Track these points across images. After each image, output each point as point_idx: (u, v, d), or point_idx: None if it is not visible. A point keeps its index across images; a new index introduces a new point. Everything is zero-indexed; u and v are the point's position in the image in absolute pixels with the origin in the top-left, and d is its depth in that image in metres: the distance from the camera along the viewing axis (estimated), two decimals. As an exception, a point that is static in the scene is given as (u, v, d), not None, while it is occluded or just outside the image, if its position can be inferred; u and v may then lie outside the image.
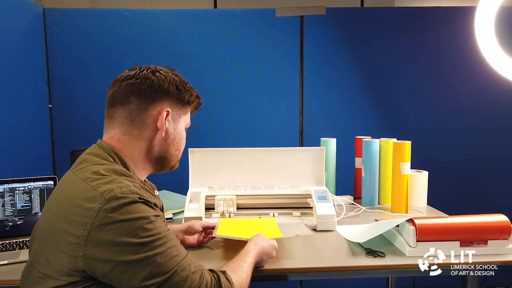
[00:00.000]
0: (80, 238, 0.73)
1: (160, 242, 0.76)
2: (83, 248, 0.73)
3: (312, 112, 2.36)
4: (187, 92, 0.96)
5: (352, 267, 1.11)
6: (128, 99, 0.89)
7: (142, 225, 0.74)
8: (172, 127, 0.94)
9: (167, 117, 0.92)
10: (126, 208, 0.74)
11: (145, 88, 0.89)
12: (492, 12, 1.75)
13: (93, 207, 0.73)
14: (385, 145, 1.69)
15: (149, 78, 0.90)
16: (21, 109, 2.03)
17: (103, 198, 0.74)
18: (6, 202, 1.35)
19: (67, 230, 0.74)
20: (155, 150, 0.93)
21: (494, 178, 2.41)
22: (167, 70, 0.95)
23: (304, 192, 1.52)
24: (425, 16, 2.35)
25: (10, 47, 1.97)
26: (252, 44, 2.34)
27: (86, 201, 0.75)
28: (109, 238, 0.72)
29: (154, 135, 0.92)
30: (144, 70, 0.92)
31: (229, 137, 2.36)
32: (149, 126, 0.91)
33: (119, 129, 0.90)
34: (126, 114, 0.90)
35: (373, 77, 2.38)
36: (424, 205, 1.68)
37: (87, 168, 0.83)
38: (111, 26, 2.28)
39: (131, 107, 0.89)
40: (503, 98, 2.35)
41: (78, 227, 0.73)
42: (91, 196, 0.75)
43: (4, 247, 1.26)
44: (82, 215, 0.74)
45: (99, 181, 0.77)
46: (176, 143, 0.96)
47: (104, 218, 0.73)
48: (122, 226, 0.73)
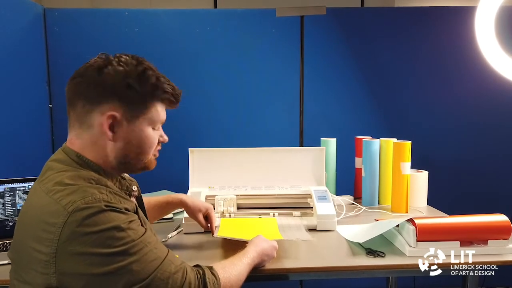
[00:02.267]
0: (49, 255, 0.69)
1: (135, 250, 0.72)
2: (53, 265, 0.69)
3: (312, 112, 2.36)
4: (147, 87, 0.83)
5: (352, 267, 1.11)
6: (74, 101, 0.82)
7: (112, 235, 0.70)
8: (126, 131, 0.83)
9: (114, 121, 0.81)
10: (92, 219, 0.69)
11: (90, 88, 0.80)
12: (492, 12, 1.75)
13: (57, 222, 0.69)
14: (385, 145, 1.69)
15: (94, 76, 0.80)
16: (21, 109, 2.03)
17: (66, 212, 0.70)
18: (6, 202, 1.35)
19: (36, 248, 0.71)
20: (112, 156, 0.83)
21: (494, 178, 2.41)
22: (130, 61, 0.83)
23: (304, 192, 1.52)
24: (425, 16, 2.35)
25: (10, 47, 1.97)
26: (252, 44, 2.34)
27: (50, 217, 0.71)
28: (78, 251, 0.69)
29: (105, 139, 0.82)
30: (96, 64, 0.82)
31: (229, 137, 2.36)
32: (97, 130, 0.81)
33: (73, 132, 0.84)
34: (76, 117, 0.82)
35: (373, 77, 2.38)
36: (424, 205, 1.68)
37: (51, 177, 0.78)
38: (111, 26, 2.28)
39: (78, 109, 0.81)
40: (503, 98, 2.35)
41: (46, 244, 0.70)
42: (54, 211, 0.71)
43: (4, 247, 1.25)
44: (48, 231, 0.70)
45: (62, 193, 0.73)
46: (135, 146, 0.84)
47: (71, 233, 0.69)
48: (91, 239, 0.69)
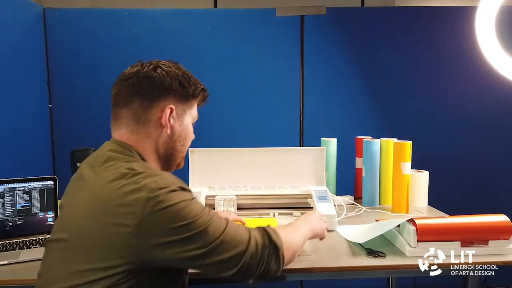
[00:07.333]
0: (132, 227, 0.75)
1: (206, 217, 0.81)
2: (136, 236, 0.75)
3: (312, 112, 2.36)
4: (190, 86, 0.95)
5: (353, 267, 1.11)
6: (131, 99, 0.90)
7: (186, 206, 0.79)
8: (178, 124, 0.95)
9: (171, 114, 0.92)
10: (171, 196, 0.78)
11: (147, 87, 0.89)
12: (493, 12, 1.75)
13: (141, 196, 0.76)
14: (386, 145, 1.69)
15: (150, 76, 0.90)
16: (21, 109, 2.03)
17: (149, 189, 0.77)
18: (6, 202, 1.35)
19: (117, 222, 0.76)
20: (163, 148, 0.94)
21: (495, 178, 2.41)
22: (170, 64, 0.95)
23: (305, 192, 1.52)
24: (426, 16, 2.35)
25: (10, 47, 1.97)
26: (252, 44, 2.33)
27: (132, 194, 0.77)
28: (160, 223, 0.76)
29: (160, 133, 0.92)
30: (146, 67, 0.91)
31: (229, 137, 2.36)
32: (153, 124, 0.91)
33: (126, 128, 0.91)
34: (131, 114, 0.90)
35: (373, 77, 2.38)
36: (424, 205, 1.68)
37: (118, 165, 0.84)
38: (111, 26, 2.28)
39: (135, 106, 0.90)
40: (503, 98, 2.35)
41: (129, 217, 0.76)
42: (136, 188, 0.78)
43: (4, 247, 1.26)
44: (131, 205, 0.76)
45: (139, 176, 0.80)
46: (182, 138, 0.97)
47: (154, 207, 0.76)
48: (171, 211, 0.77)
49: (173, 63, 0.96)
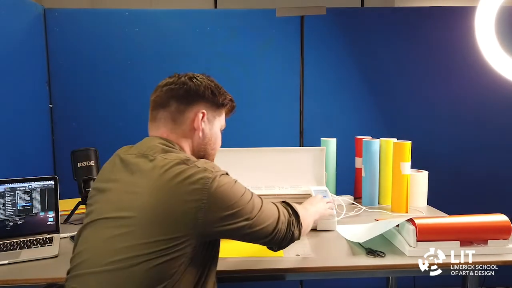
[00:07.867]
0: (200, 202, 0.85)
1: (248, 194, 0.96)
2: (203, 211, 0.85)
3: (312, 112, 2.36)
4: (221, 96, 1.07)
5: (352, 267, 1.11)
6: (168, 102, 1.00)
7: (234, 186, 0.93)
8: (208, 128, 1.05)
9: (203, 118, 1.02)
10: (224, 177, 0.91)
11: (183, 92, 1.00)
12: (492, 12, 1.75)
13: (207, 175, 0.87)
14: (385, 145, 1.69)
15: (187, 83, 1.01)
16: (21, 109, 2.03)
17: (210, 171, 0.89)
18: (7, 202, 1.35)
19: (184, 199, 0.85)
20: (196, 149, 1.04)
21: (494, 178, 2.41)
22: (203, 76, 1.06)
23: (305, 192, 1.52)
24: (426, 16, 2.35)
25: (11, 47, 1.97)
26: (252, 44, 2.34)
27: (197, 174, 0.87)
28: (221, 200, 0.88)
29: (193, 135, 1.03)
30: (182, 77, 1.03)
31: (229, 137, 2.35)
32: (188, 126, 1.01)
33: (164, 127, 1.01)
34: (168, 115, 1.00)
35: (373, 77, 2.38)
36: (424, 205, 1.68)
37: (177, 154, 0.94)
38: (111, 26, 2.28)
39: (171, 109, 1.00)
40: (503, 98, 2.35)
41: (197, 193, 0.86)
42: (199, 170, 0.88)
43: (5, 247, 1.26)
44: (198, 183, 0.86)
45: (197, 163, 0.90)
46: (212, 142, 1.07)
47: (216, 185, 0.88)
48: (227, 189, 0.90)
49: (206, 76, 1.07)
